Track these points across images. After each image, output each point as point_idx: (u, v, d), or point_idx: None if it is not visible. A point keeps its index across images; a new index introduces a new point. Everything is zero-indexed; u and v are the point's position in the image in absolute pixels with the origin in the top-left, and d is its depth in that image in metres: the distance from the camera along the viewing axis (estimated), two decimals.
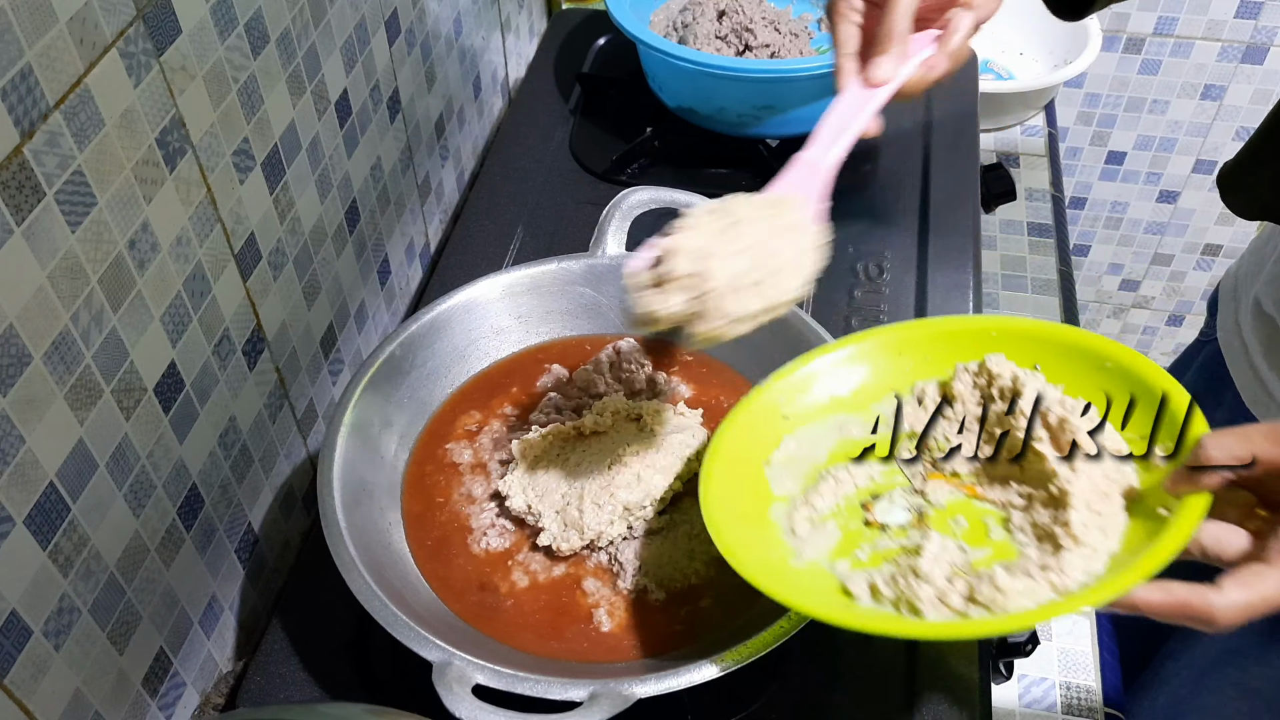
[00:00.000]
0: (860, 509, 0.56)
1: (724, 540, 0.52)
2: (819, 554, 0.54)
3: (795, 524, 0.55)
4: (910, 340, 0.62)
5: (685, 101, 0.97)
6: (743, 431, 0.59)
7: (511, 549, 0.64)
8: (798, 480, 0.58)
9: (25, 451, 0.48)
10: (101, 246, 0.52)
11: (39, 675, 0.51)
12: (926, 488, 0.56)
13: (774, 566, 0.53)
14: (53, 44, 0.47)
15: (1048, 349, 0.58)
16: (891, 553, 0.53)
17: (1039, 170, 1.21)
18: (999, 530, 0.53)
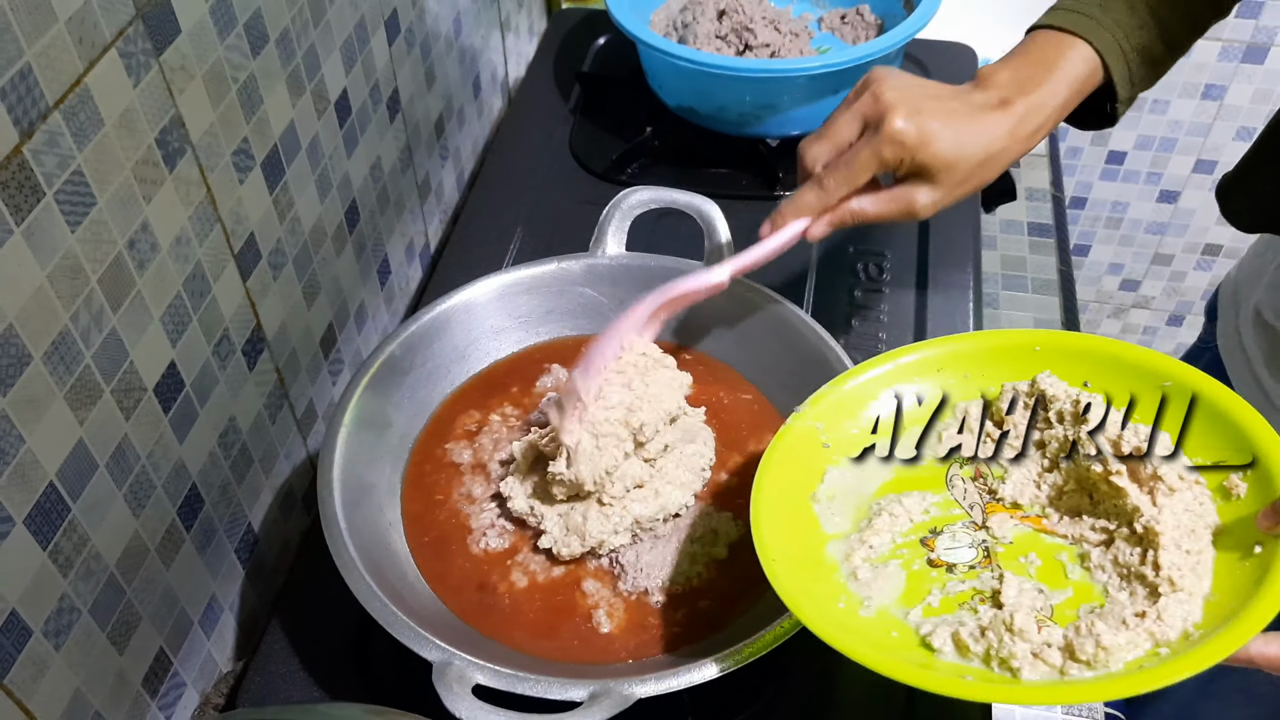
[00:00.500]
0: (921, 546, 0.53)
1: (789, 594, 0.48)
2: (887, 601, 0.50)
3: (856, 568, 0.52)
4: (950, 357, 0.59)
5: (685, 101, 0.97)
6: (784, 466, 0.55)
7: (511, 549, 0.64)
8: (848, 516, 0.55)
9: (25, 451, 0.48)
10: (101, 246, 0.52)
11: (39, 675, 0.51)
12: (989, 522, 0.53)
13: (845, 621, 0.49)
14: (52, 43, 0.47)
15: (1098, 365, 0.55)
16: (964, 596, 0.49)
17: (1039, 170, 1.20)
18: (1076, 569, 0.50)
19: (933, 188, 0.60)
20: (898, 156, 0.59)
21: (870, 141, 0.60)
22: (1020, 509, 0.54)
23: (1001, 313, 1.07)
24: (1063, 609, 0.48)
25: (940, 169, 0.59)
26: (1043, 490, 0.54)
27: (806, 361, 0.69)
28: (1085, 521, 0.52)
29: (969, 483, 0.55)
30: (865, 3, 1.05)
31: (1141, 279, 1.90)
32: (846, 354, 0.67)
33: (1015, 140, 0.60)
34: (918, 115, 0.59)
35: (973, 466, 0.56)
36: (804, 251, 0.90)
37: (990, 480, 0.55)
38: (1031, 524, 0.53)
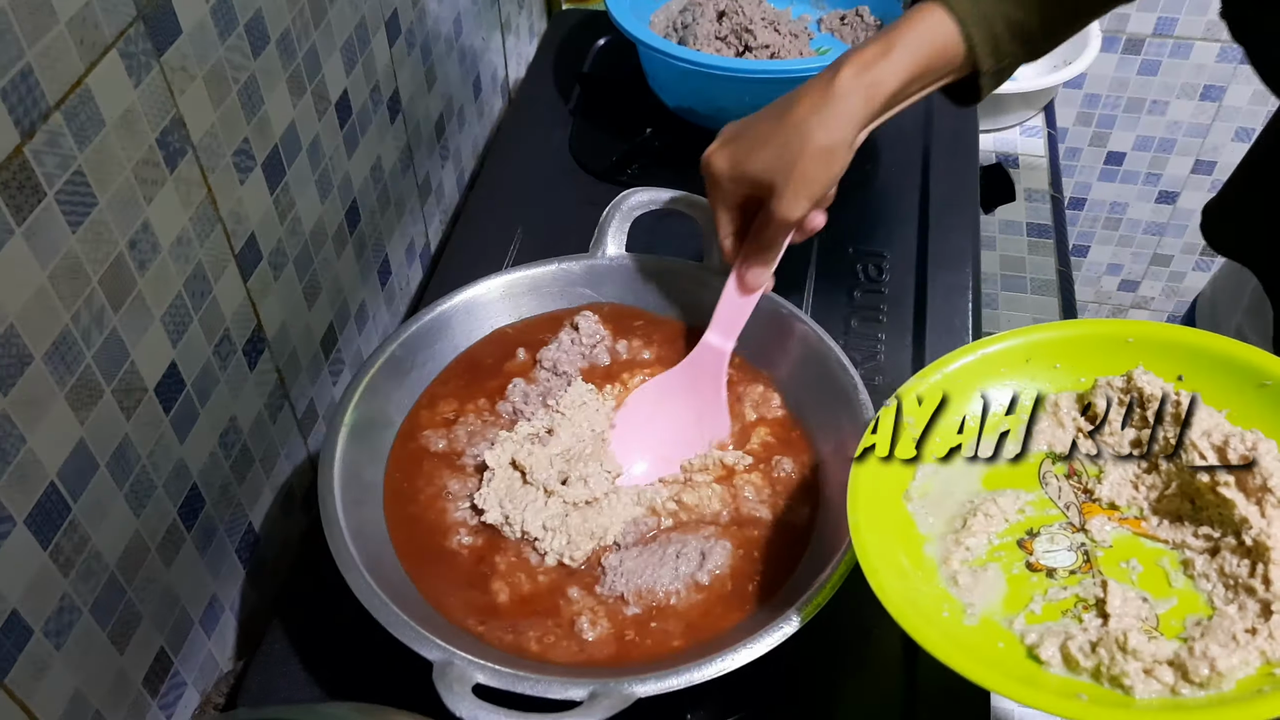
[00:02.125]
0: (1019, 548, 0.52)
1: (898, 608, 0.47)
2: (990, 608, 0.49)
3: (956, 571, 0.51)
4: (1038, 347, 0.57)
5: (685, 102, 0.97)
6: (875, 465, 0.54)
7: (486, 549, 0.63)
8: (941, 516, 0.54)
9: (26, 451, 0.48)
10: (102, 247, 0.52)
11: (39, 675, 0.51)
12: (1088, 524, 0.52)
13: (951, 631, 0.48)
14: (53, 44, 0.47)
15: (1193, 359, 0.53)
16: (1067, 604, 0.49)
17: (1038, 171, 1.21)
18: (1179, 576, 0.49)
19: (777, 195, 0.61)
20: (722, 189, 0.64)
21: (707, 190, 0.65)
22: (1118, 510, 0.52)
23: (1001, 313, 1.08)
24: (1168, 619, 0.47)
25: (763, 174, 0.61)
26: (1141, 492, 0.53)
27: (806, 362, 0.69)
28: (1187, 527, 0.50)
29: (1063, 481, 0.54)
30: (865, 4, 1.05)
31: (1140, 279, 1.90)
32: (846, 355, 0.67)
33: (840, 98, 0.59)
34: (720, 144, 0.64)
35: (1066, 464, 0.55)
36: (804, 251, 0.90)
37: (1085, 479, 0.54)
38: (1130, 527, 0.51)
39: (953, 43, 0.61)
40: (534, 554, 0.62)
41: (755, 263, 0.66)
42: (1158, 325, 0.56)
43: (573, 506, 0.63)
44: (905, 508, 0.54)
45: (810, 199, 0.61)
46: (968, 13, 0.60)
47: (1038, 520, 0.53)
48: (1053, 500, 0.54)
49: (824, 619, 0.54)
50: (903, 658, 0.63)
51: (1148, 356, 0.55)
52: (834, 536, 0.59)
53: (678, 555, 0.61)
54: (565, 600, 0.60)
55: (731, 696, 0.61)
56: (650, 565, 0.61)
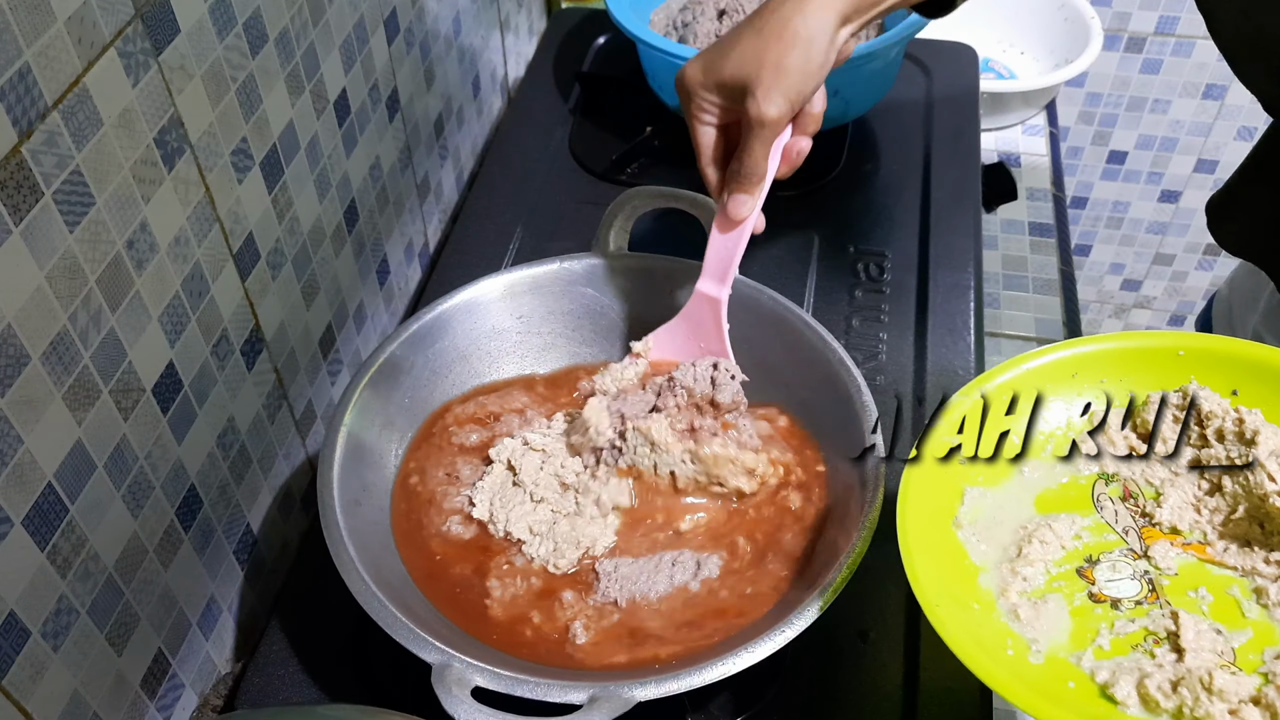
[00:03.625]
0: (1079, 577, 0.49)
1: (962, 647, 0.45)
2: (1056, 644, 0.47)
3: (1015, 605, 0.48)
4: (1085, 360, 0.55)
5: None
6: (923, 490, 0.51)
7: (477, 547, 0.63)
8: (994, 543, 0.51)
9: (23, 452, 0.48)
10: (100, 246, 0.51)
11: (37, 676, 0.50)
12: (1151, 550, 0.50)
13: (1019, 670, 0.46)
14: (51, 43, 0.46)
15: (1248, 373, 0.51)
16: (1135, 637, 0.46)
17: (1040, 170, 1.20)
18: (1252, 605, 0.47)
19: (751, 93, 0.57)
20: (698, 100, 0.60)
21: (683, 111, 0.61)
22: (1180, 535, 0.50)
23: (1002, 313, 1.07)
24: (1244, 652, 0.45)
25: (737, 73, 0.58)
26: (1204, 515, 0.51)
27: (807, 362, 0.69)
28: (1257, 553, 0.48)
29: (1119, 504, 0.52)
30: None
31: (1143, 279, 1.90)
32: (848, 354, 0.67)
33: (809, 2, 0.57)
34: (690, 61, 0.61)
35: (1121, 485, 0.53)
36: (804, 251, 0.89)
37: (1142, 501, 0.52)
38: (1195, 553, 0.49)
39: None
40: (521, 556, 0.62)
41: (739, 188, 0.61)
42: (1209, 338, 0.54)
43: (561, 515, 0.63)
44: (956, 536, 0.51)
45: (788, 96, 0.57)
46: None
47: (1096, 546, 0.51)
48: (1110, 525, 0.52)
49: (825, 621, 0.54)
50: (904, 660, 0.63)
51: (1200, 370, 0.53)
52: (836, 538, 0.59)
53: (673, 563, 0.61)
54: (559, 604, 0.60)
55: (731, 700, 0.61)
56: (645, 572, 0.61)
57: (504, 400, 0.72)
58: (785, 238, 0.90)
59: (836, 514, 0.62)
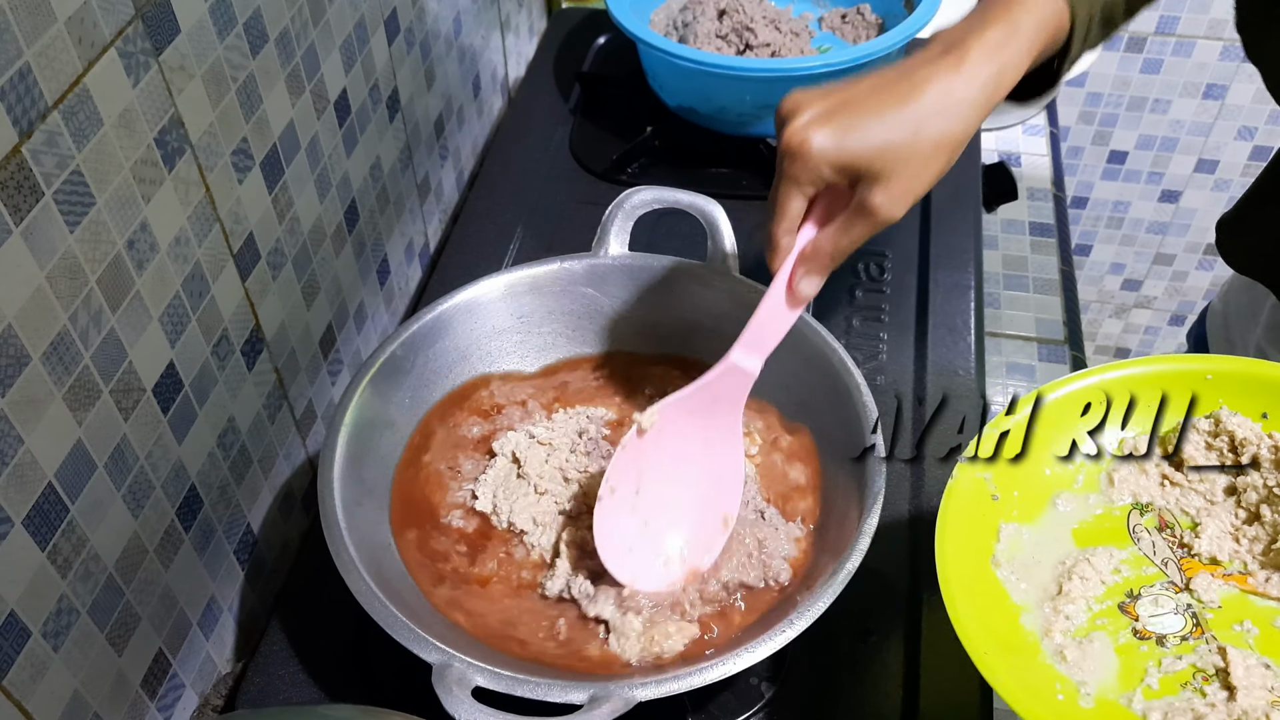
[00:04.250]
0: (1121, 613, 0.49)
1: (1013, 696, 0.44)
2: (1104, 686, 0.46)
3: (1061, 646, 0.48)
4: (1112, 387, 0.54)
5: (685, 101, 0.97)
6: (959, 529, 0.51)
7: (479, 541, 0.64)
8: (1034, 582, 0.51)
9: (24, 452, 0.48)
10: (100, 246, 0.51)
11: (37, 676, 0.50)
12: (1192, 583, 0.49)
13: (1073, 716, 0.45)
14: (51, 43, 0.46)
15: (1278, 396, 0.51)
16: (1184, 676, 0.46)
17: (1041, 169, 1.20)
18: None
19: (883, 185, 0.52)
20: (809, 172, 0.53)
21: (779, 171, 0.54)
22: (1220, 566, 0.50)
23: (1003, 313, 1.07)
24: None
25: (870, 161, 0.51)
26: (1243, 545, 0.51)
27: (807, 362, 0.69)
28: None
29: (1155, 535, 0.52)
30: (866, 2, 1.05)
31: (1143, 279, 1.90)
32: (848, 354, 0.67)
33: (967, 84, 0.51)
34: (814, 119, 0.52)
35: (1156, 515, 0.52)
36: None
37: (1179, 531, 0.51)
38: (1237, 584, 0.49)
39: (1064, 24, 0.55)
40: (522, 548, 0.63)
41: (817, 268, 0.56)
42: (1236, 360, 0.53)
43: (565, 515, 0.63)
44: (995, 575, 0.51)
45: (915, 197, 0.53)
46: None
47: (1136, 581, 0.50)
48: (1149, 557, 0.51)
49: (824, 621, 0.54)
50: (904, 660, 0.63)
51: (1229, 393, 0.52)
52: (834, 538, 0.59)
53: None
54: (547, 601, 0.60)
55: (732, 700, 0.61)
56: None
57: (508, 392, 0.72)
58: None
59: (836, 513, 0.62)
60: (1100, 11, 0.57)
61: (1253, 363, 0.53)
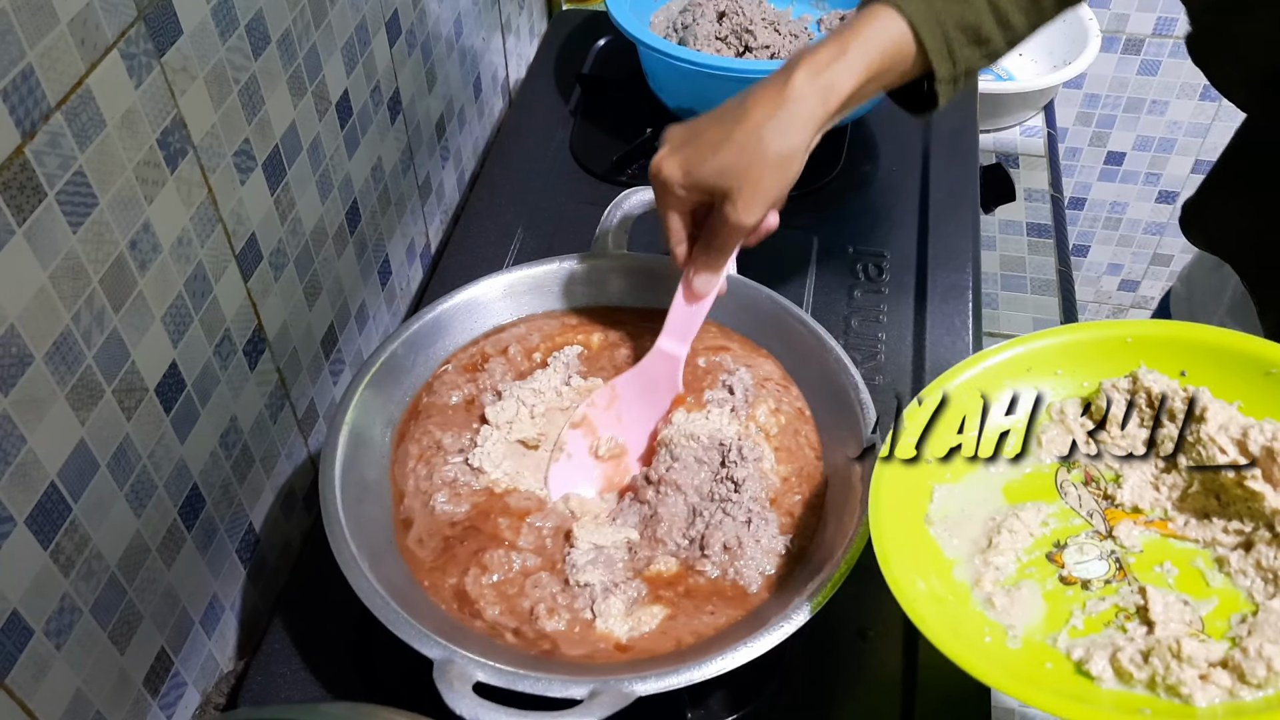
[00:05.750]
0: (1048, 562, 0.51)
1: (941, 639, 0.46)
2: (1031, 628, 0.48)
3: (990, 594, 0.50)
4: (1038, 355, 0.56)
5: (685, 102, 0.97)
6: (893, 491, 0.53)
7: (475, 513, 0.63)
8: (965, 537, 0.53)
9: (26, 452, 0.48)
10: (103, 247, 0.52)
11: (40, 675, 0.51)
12: (1115, 530, 0.51)
13: (998, 656, 0.47)
14: (54, 45, 0.47)
15: (1194, 354, 0.53)
16: (1107, 615, 0.48)
17: (1038, 170, 1.21)
18: (1215, 575, 0.48)
19: (731, 200, 0.60)
20: (672, 194, 0.61)
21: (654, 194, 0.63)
22: (1142, 514, 0.52)
23: (1001, 313, 1.08)
24: (1212, 620, 0.46)
25: (718, 180, 0.60)
26: (1163, 493, 0.53)
27: (806, 362, 0.69)
28: (1215, 524, 0.50)
29: (1082, 489, 0.54)
30: None
31: (1140, 279, 1.90)
32: (847, 354, 0.67)
33: (793, 101, 0.58)
34: (670, 150, 0.61)
35: (1082, 471, 0.54)
36: (804, 252, 0.90)
37: (1104, 485, 0.53)
38: (1158, 529, 0.51)
39: (906, 44, 0.60)
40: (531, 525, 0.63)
41: (705, 268, 0.65)
42: (1156, 323, 0.56)
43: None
44: (928, 532, 0.53)
45: (765, 205, 0.60)
46: (919, 14, 0.59)
47: (1063, 531, 0.52)
48: (1075, 510, 0.53)
49: (824, 618, 0.54)
50: (902, 658, 0.63)
51: (1148, 355, 0.55)
52: (834, 535, 0.59)
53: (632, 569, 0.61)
54: (534, 583, 0.60)
55: (731, 695, 0.61)
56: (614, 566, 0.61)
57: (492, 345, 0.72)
58: (785, 238, 0.90)
59: (834, 511, 0.62)
60: (961, 32, 0.60)
61: (1169, 324, 0.56)
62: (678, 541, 0.61)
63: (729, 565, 0.60)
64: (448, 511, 0.63)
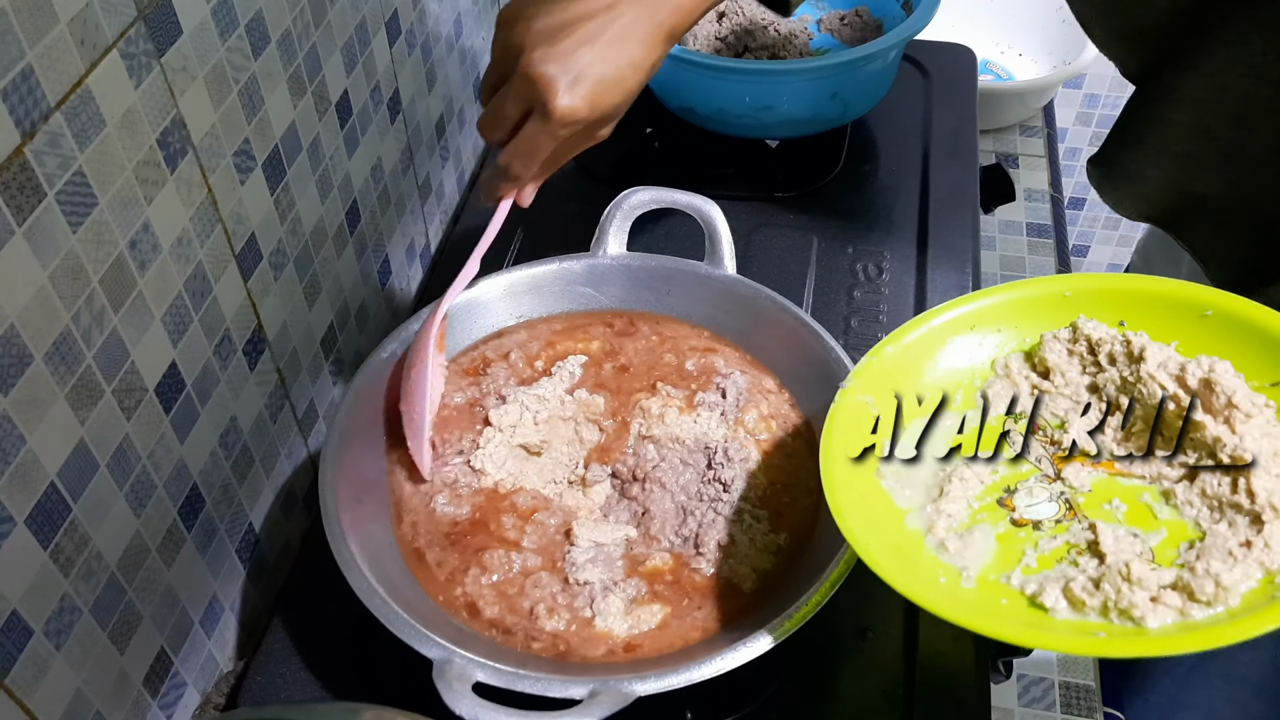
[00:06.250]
0: (1000, 507, 0.52)
1: (895, 578, 0.47)
2: (985, 568, 0.49)
3: (943, 539, 0.51)
4: (981, 314, 0.58)
5: (685, 101, 0.97)
6: (843, 444, 0.54)
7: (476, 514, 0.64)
8: (917, 487, 0.54)
9: (26, 452, 0.48)
10: (102, 247, 0.52)
11: (40, 675, 0.51)
12: (1063, 473, 0.53)
13: (954, 595, 0.48)
14: (54, 45, 0.47)
15: (1132, 303, 0.55)
16: (1059, 552, 0.49)
17: (1038, 171, 1.21)
18: (1163, 508, 0.50)
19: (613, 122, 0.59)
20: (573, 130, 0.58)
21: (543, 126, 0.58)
22: (1087, 456, 0.53)
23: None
24: (1161, 550, 0.48)
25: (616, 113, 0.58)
26: (1107, 435, 0.54)
27: (807, 362, 0.69)
28: (1159, 459, 0.51)
29: (1029, 437, 0.55)
30: (865, 4, 1.05)
31: None
32: (847, 355, 0.67)
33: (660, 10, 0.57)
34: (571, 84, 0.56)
35: (1027, 420, 0.56)
36: (803, 251, 0.90)
37: (1050, 432, 0.55)
38: (1105, 469, 0.52)
39: None
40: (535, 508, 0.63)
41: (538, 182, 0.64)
42: (1093, 275, 0.57)
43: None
44: (880, 485, 0.54)
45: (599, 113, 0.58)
46: None
47: (1013, 478, 0.53)
48: (1026, 458, 0.54)
49: (824, 617, 0.54)
50: (903, 658, 0.63)
51: (1088, 307, 0.56)
52: (831, 532, 0.59)
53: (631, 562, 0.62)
54: (534, 583, 0.60)
55: (731, 695, 0.62)
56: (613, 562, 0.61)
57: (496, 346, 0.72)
58: (784, 238, 0.91)
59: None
60: None
61: (1105, 276, 0.57)
62: (671, 539, 0.62)
63: (723, 562, 0.60)
64: (449, 513, 0.63)
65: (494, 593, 0.59)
